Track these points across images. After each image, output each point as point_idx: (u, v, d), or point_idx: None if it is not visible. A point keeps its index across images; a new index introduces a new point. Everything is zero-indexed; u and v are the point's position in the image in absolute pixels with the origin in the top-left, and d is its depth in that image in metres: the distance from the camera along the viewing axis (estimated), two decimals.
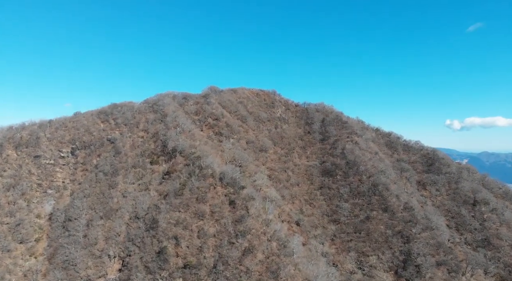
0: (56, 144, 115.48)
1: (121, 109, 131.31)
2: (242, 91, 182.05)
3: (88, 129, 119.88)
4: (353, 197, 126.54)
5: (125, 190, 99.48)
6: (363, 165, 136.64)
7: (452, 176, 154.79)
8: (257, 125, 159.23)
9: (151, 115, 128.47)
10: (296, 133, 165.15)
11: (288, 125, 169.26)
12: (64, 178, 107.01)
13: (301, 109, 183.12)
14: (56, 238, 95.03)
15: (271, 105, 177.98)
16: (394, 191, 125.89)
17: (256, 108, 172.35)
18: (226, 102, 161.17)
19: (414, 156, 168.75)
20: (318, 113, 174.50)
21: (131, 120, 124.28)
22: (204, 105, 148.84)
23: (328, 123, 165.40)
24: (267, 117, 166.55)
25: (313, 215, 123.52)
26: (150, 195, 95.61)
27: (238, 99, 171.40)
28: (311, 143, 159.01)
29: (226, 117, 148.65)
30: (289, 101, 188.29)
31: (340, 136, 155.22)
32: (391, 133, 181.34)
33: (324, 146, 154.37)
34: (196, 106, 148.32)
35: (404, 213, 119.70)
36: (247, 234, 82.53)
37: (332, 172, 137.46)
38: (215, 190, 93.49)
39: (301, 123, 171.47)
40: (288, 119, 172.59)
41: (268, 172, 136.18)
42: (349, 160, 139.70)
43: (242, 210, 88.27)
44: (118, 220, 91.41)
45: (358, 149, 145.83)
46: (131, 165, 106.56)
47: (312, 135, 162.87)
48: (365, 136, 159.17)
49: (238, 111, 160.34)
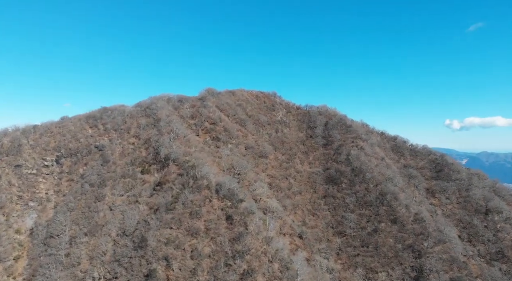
0: (40, 151, 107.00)
1: (111, 113, 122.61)
2: (241, 93, 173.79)
3: (75, 135, 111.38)
4: (360, 207, 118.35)
5: (113, 203, 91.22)
6: (370, 172, 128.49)
7: (463, 183, 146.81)
8: (256, 129, 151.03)
9: (143, 119, 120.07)
10: (297, 137, 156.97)
11: (289, 129, 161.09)
12: (47, 189, 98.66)
13: (302, 112, 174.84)
14: (37, 257, 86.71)
15: (272, 107, 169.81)
16: (403, 201, 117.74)
17: (256, 111, 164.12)
18: (224, 105, 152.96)
19: (422, 161, 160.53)
20: (321, 116, 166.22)
21: (122, 125, 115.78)
22: (200, 108, 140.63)
23: (332, 126, 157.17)
24: (267, 121, 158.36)
25: (317, 227, 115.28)
26: (139, 209, 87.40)
27: (237, 102, 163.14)
28: (314, 148, 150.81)
29: (224, 121, 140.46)
30: (290, 104, 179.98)
31: (345, 141, 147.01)
32: (397, 137, 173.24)
33: (327, 151, 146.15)
34: (192, 110, 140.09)
35: (414, 225, 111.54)
36: (245, 254, 74.36)
37: (337, 180, 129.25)
38: (210, 203, 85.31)
39: (303, 127, 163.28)
40: (289, 123, 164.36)
41: (268, 179, 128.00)
42: (354, 167, 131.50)
43: (240, 226, 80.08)
44: (104, 237, 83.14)
45: (364, 155, 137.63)
46: (120, 175, 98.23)
47: (315, 140, 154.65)
48: (370, 141, 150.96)
49: (236, 115, 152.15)
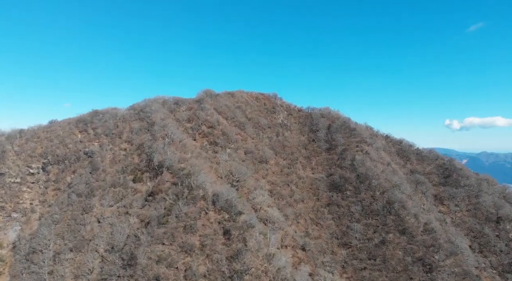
0: (25, 158, 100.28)
1: (102, 116, 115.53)
2: (240, 95, 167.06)
3: (63, 141, 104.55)
4: (366, 217, 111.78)
5: (101, 215, 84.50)
6: (376, 179, 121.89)
7: (472, 189, 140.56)
8: (256, 132, 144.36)
9: (136, 123, 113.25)
10: (299, 141, 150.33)
11: (291, 132, 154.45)
12: (32, 199, 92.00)
13: (304, 114, 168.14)
14: (19, 274, 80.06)
15: (272, 110, 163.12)
16: (412, 210, 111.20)
17: (256, 113, 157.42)
18: (222, 107, 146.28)
19: (429, 166, 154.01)
20: (324, 119, 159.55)
21: (113, 130, 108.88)
22: (197, 111, 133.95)
23: (335, 130, 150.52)
24: (267, 124, 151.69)
25: (321, 238, 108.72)
26: (130, 222, 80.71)
27: (236, 104, 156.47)
28: (316, 152, 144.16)
29: (222, 124, 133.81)
30: (291, 106, 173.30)
31: (349, 145, 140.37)
32: (402, 140, 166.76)
33: (330, 156, 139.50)
34: (188, 113, 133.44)
35: (424, 236, 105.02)
36: (244, 274, 67.82)
37: (341, 187, 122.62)
38: (206, 216, 78.68)
39: (305, 130, 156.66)
40: (290, 126, 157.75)
41: (269, 186, 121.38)
42: (359, 173, 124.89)
43: (239, 242, 73.48)
44: (90, 253, 76.45)
45: (369, 160, 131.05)
46: (110, 183, 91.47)
47: (317, 144, 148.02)
48: (375, 145, 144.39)
49: (235, 117, 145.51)
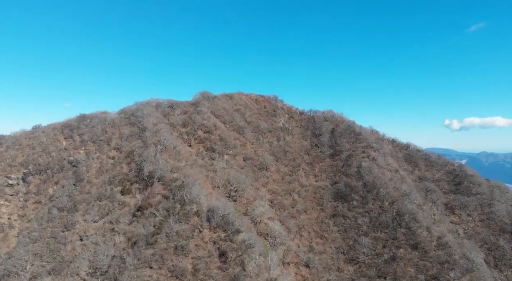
0: (4, 168, 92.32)
1: (90, 122, 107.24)
2: (239, 97, 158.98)
3: (46, 148, 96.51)
4: (374, 230, 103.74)
5: (85, 232, 76.39)
6: (384, 188, 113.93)
7: (484, 197, 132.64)
8: (256, 137, 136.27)
9: (126, 129, 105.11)
10: (301, 146, 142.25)
11: (292, 137, 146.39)
12: (10, 214, 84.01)
13: (306, 117, 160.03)
14: None
15: (273, 113, 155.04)
16: (424, 222, 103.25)
17: (255, 116, 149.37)
18: (220, 110, 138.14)
19: (438, 173, 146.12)
20: (327, 122, 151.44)
21: (101, 136, 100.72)
22: (193, 114, 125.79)
23: (339, 134, 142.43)
24: (267, 128, 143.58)
25: (326, 253, 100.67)
26: (115, 240, 72.55)
27: (235, 107, 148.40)
28: (320, 158, 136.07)
29: (220, 128, 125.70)
30: (292, 108, 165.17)
31: (354, 151, 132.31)
32: (410, 145, 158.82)
33: (335, 162, 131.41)
34: (184, 116, 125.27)
35: (438, 251, 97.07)
36: None
37: (347, 196, 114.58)
38: (200, 235, 70.64)
39: (307, 134, 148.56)
40: (292, 130, 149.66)
41: (269, 196, 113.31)
42: (366, 181, 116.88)
43: (236, 266, 65.43)
44: (70, 277, 68.47)
45: (377, 167, 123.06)
46: (95, 196, 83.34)
47: (320, 149, 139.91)
48: (382, 150, 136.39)
49: (234, 121, 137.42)
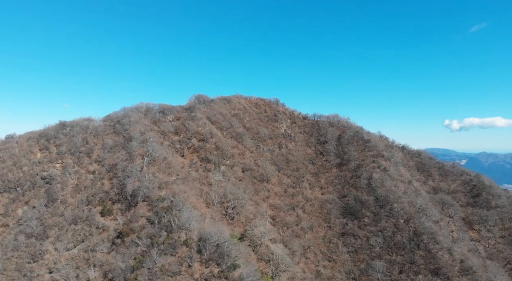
0: None
1: (70, 130, 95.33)
2: (238, 101, 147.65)
3: (18, 162, 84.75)
4: (389, 251, 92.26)
5: (55, 264, 64.88)
6: (398, 202, 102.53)
7: (504, 210, 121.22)
8: (256, 145, 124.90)
9: (110, 138, 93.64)
10: (305, 154, 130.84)
11: (295, 144, 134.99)
12: None
13: (310, 122, 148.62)
14: None
15: (274, 118, 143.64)
16: (444, 243, 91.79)
17: (255, 122, 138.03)
18: (216, 116, 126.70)
19: (454, 183, 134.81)
20: (333, 128, 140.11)
21: (82, 147, 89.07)
22: (187, 121, 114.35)
23: (346, 141, 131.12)
24: (268, 134, 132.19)
25: (334, 278, 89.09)
26: (89, 276, 60.96)
27: (232, 111, 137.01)
28: (326, 168, 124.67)
29: (216, 136, 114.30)
30: (295, 113, 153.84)
31: (363, 160, 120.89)
32: (421, 152, 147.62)
33: (343, 173, 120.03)
34: (176, 123, 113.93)
35: (462, 277, 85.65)
36: None
37: (357, 212, 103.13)
38: (189, 270, 59.16)
39: (312, 141, 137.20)
40: (295, 136, 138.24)
41: (271, 211, 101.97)
42: (378, 195, 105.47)
43: None
44: None
45: (389, 179, 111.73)
46: (70, 219, 71.80)
47: (326, 157, 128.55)
48: (394, 159, 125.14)
49: (232, 127, 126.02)
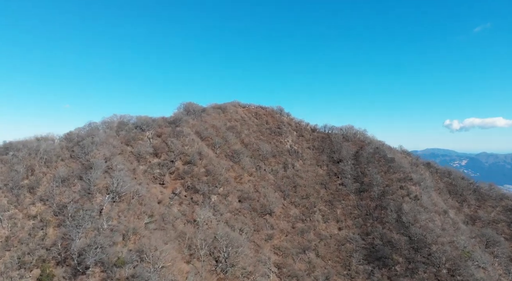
0: None
1: (13, 155, 69.90)
2: (235, 110, 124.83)
3: None
4: None
5: None
6: (437, 244, 79.98)
7: None
8: (256, 165, 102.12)
9: (65, 166, 70.59)
10: (316, 176, 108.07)
11: (303, 163, 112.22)
12: None
13: (320, 136, 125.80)
14: None
15: (277, 130, 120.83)
16: None
17: (255, 136, 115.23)
18: (208, 130, 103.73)
19: (494, 210, 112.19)
20: (348, 143, 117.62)
21: (24, 180, 65.29)
22: (170, 138, 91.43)
23: (366, 160, 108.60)
24: (271, 151, 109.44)
25: None
26: None
27: (228, 123, 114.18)
28: (342, 194, 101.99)
29: (207, 157, 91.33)
30: (302, 124, 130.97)
31: (389, 185, 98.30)
32: (451, 171, 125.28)
33: (364, 201, 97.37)
34: (156, 141, 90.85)
35: None
36: None
37: (386, 258, 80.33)
38: None
39: (323, 160, 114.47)
40: (302, 153, 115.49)
41: (276, 257, 79.13)
42: (412, 234, 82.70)
43: None
44: None
45: (423, 211, 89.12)
46: None
47: (342, 180, 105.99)
48: (424, 183, 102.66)
49: (227, 143, 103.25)
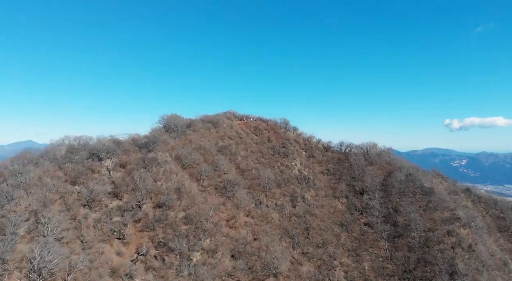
0: None
1: None
2: (229, 123, 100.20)
3: None
4: None
5: None
6: None
7: None
8: (256, 199, 77.44)
9: None
10: (334, 212, 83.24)
11: (316, 193, 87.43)
12: None
13: (336, 156, 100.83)
14: None
15: (282, 150, 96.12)
16: None
17: (254, 158, 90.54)
18: (193, 154, 78.79)
19: None
20: (373, 167, 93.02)
21: None
22: (138, 169, 66.59)
23: (398, 191, 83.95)
24: (275, 179, 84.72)
25: None
26: None
27: (220, 142, 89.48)
28: (369, 239, 77.10)
29: (189, 194, 66.49)
30: (312, 141, 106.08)
31: (432, 230, 73.54)
32: (497, 200, 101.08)
33: (400, 252, 72.52)
34: (119, 174, 66.11)
35: None
36: None
37: None
38: None
39: (342, 189, 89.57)
40: (314, 180, 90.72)
41: None
42: None
43: None
44: None
45: (482, 268, 65.03)
46: None
47: (368, 218, 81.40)
48: (475, 222, 78.37)
49: (217, 171, 78.60)
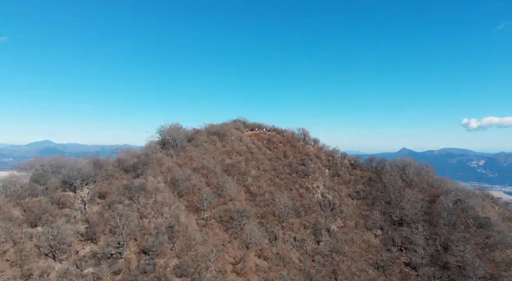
0: None
1: None
2: (238, 135, 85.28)
3: None
4: None
5: None
6: None
7: None
8: (270, 233, 62.38)
9: None
10: (367, 248, 67.13)
11: (344, 224, 71.52)
12: None
13: (366, 175, 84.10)
14: None
15: (300, 168, 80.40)
16: None
17: (268, 178, 75.35)
18: (193, 176, 64.31)
19: None
20: (413, 191, 76.41)
21: None
22: (121, 201, 52.47)
23: (448, 222, 67.24)
24: (293, 206, 69.30)
25: None
26: None
27: (227, 160, 74.69)
28: None
29: (184, 233, 51.88)
30: (335, 156, 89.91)
31: (495, 275, 56.99)
32: None
33: None
34: (97, 208, 52.07)
35: None
36: None
37: None
38: None
39: (374, 218, 73.26)
40: (341, 205, 74.71)
41: None
42: None
43: None
44: None
45: None
46: None
47: (410, 257, 65.10)
48: None
49: (222, 195, 63.95)
